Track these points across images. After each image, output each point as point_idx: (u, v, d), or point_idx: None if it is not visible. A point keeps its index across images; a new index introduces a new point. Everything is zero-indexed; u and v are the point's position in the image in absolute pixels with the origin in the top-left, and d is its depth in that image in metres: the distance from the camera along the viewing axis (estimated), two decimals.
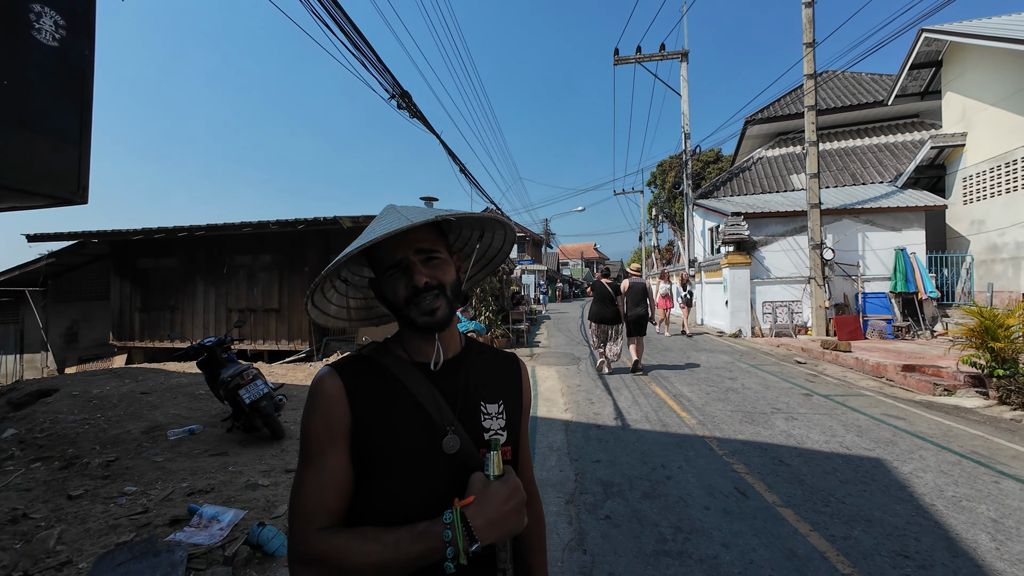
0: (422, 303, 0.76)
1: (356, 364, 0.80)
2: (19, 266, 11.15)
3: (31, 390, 6.13)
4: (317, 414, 0.74)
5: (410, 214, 0.75)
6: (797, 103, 15.34)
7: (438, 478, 0.74)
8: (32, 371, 11.86)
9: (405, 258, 0.76)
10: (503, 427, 0.84)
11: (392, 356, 0.81)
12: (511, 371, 0.93)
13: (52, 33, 0.91)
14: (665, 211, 28.62)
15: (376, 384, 0.77)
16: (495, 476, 0.72)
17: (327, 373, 0.76)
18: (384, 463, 0.73)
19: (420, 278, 0.75)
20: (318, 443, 0.73)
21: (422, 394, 0.77)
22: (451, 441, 0.76)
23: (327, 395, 0.74)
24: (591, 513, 2.93)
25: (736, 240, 11.34)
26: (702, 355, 8.80)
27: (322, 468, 0.71)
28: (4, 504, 3.12)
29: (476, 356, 0.89)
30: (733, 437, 4.25)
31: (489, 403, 0.84)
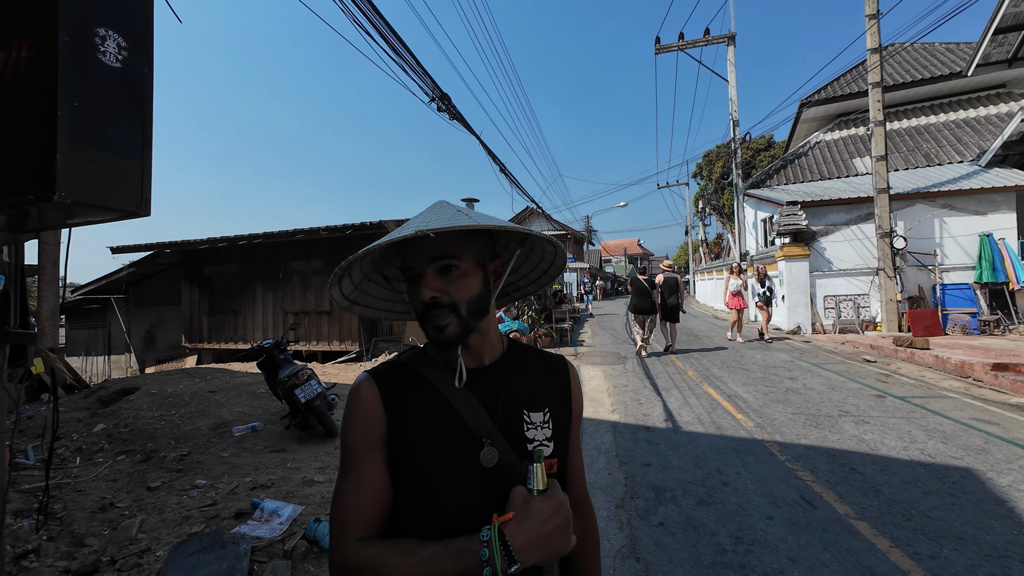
0: (432, 319, 0.71)
1: (393, 371, 0.77)
2: (105, 276, 12.32)
3: (117, 388, 6.74)
4: (354, 422, 0.72)
5: (433, 219, 0.71)
6: (859, 81, 14.21)
7: (475, 492, 0.70)
8: (118, 371, 13.08)
9: (416, 268, 0.72)
10: (549, 437, 0.78)
11: (430, 363, 0.78)
12: (558, 375, 0.87)
13: (115, 55, 0.96)
14: (712, 203, 27.43)
15: (412, 392, 0.75)
16: (538, 491, 0.67)
17: (364, 380, 0.75)
18: (419, 474, 0.70)
19: (426, 292, 0.70)
20: (356, 451, 0.71)
21: (459, 403, 0.74)
22: (489, 454, 0.71)
23: (363, 403, 0.72)
24: (643, 519, 2.83)
25: (792, 231, 10.65)
26: (757, 353, 8.33)
27: (360, 477, 0.70)
28: (95, 493, 3.43)
29: (519, 360, 0.83)
30: (796, 442, 3.97)
31: (533, 411, 0.78)
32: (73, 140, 0.92)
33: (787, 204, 10.84)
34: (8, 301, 1.65)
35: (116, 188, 1.01)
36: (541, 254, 0.90)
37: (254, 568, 2.35)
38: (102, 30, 0.97)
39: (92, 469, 3.98)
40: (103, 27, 0.97)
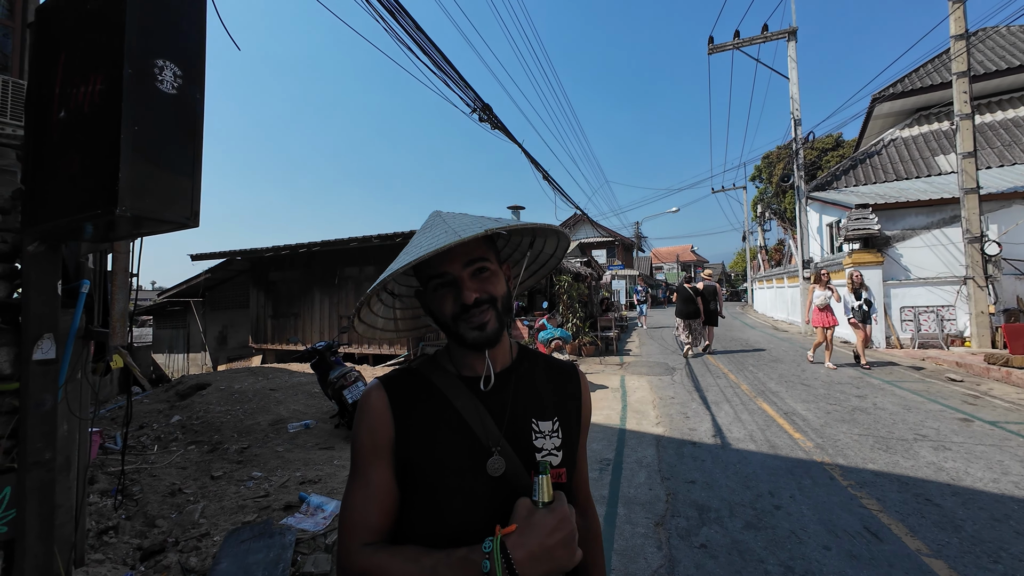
0: (472, 318, 0.72)
1: (403, 378, 0.78)
2: (185, 281, 13.59)
3: (191, 384, 7.38)
4: (364, 428, 0.73)
5: (458, 226, 0.72)
6: (942, 71, 12.95)
7: (481, 501, 0.70)
8: (195, 368, 14.34)
9: (452, 273, 0.73)
10: (558, 446, 0.77)
11: (440, 370, 0.79)
12: (569, 383, 0.87)
13: (172, 83, 1.07)
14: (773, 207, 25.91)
15: (421, 399, 0.75)
16: (543, 503, 0.66)
17: (374, 387, 0.76)
18: (425, 481, 0.71)
19: (470, 295, 0.72)
20: (364, 457, 0.72)
21: (467, 411, 0.74)
22: (496, 463, 0.71)
23: (373, 409, 0.74)
24: (684, 539, 2.69)
25: (863, 236, 9.83)
26: (820, 368, 7.72)
27: (368, 483, 0.71)
28: (167, 478, 3.76)
29: (528, 368, 0.84)
30: (861, 466, 3.63)
31: (542, 420, 0.78)
32: (134, 160, 1.04)
33: (857, 207, 10.04)
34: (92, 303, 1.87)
35: (170, 202, 1.12)
36: (541, 248, 0.92)
37: (297, 559, 2.47)
38: (160, 61, 1.09)
39: (166, 456, 4.38)
40: (161, 59, 1.09)
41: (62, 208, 1.18)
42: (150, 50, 1.07)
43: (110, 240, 1.85)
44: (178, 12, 1.14)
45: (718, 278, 55.52)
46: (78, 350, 1.79)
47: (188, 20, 1.16)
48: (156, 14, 1.10)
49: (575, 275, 12.29)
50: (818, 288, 8.01)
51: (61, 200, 1.19)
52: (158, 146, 1.09)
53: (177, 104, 1.11)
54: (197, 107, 1.15)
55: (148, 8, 1.08)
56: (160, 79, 1.08)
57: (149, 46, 1.07)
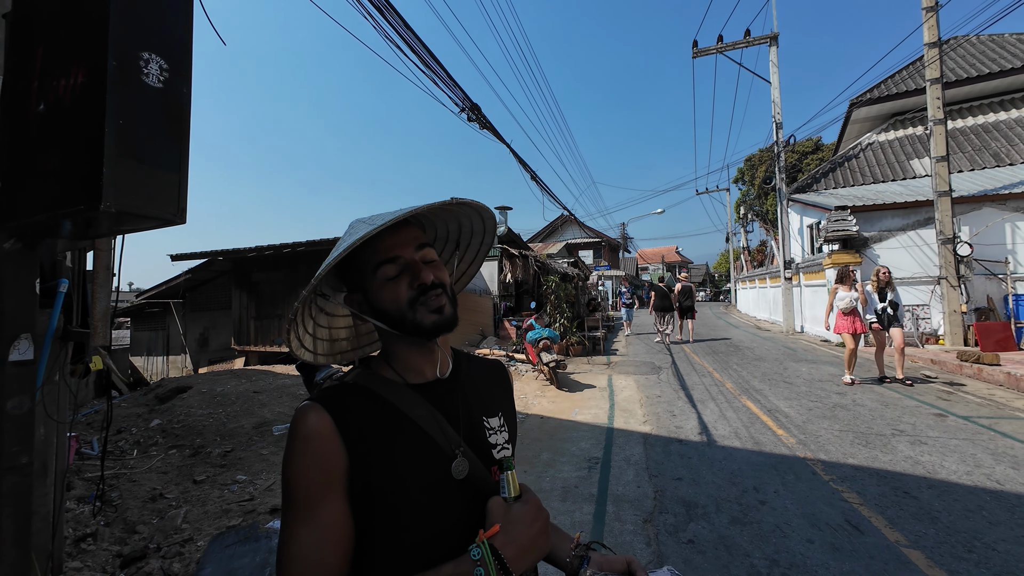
0: (430, 300, 0.69)
1: (344, 394, 0.69)
2: (165, 282, 13.27)
3: (172, 387, 7.20)
4: (306, 459, 0.62)
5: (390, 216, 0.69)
6: (916, 77, 13.36)
7: (452, 509, 0.67)
8: (175, 370, 14.00)
9: (405, 256, 0.71)
10: (507, 440, 0.78)
11: (382, 380, 0.72)
12: (502, 379, 0.88)
13: (157, 76, 1.04)
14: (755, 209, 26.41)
15: (370, 415, 0.68)
16: (514, 497, 0.66)
17: (311, 408, 0.65)
18: (391, 504, 0.64)
19: (428, 274, 0.70)
20: (311, 493, 0.62)
21: (423, 418, 0.69)
22: (460, 465, 0.68)
23: (316, 436, 0.63)
24: (672, 535, 2.72)
25: (842, 237, 10.09)
26: (802, 366, 7.90)
27: (319, 525, 0.61)
28: (147, 484, 3.67)
29: (468, 368, 0.83)
30: (842, 461, 3.72)
31: (490, 417, 0.78)
32: (118, 155, 1.02)
33: (836, 209, 10.29)
34: (71, 303, 1.81)
35: (156, 198, 1.09)
36: (469, 237, 0.90)
37: None
38: (146, 54, 1.06)
39: (146, 461, 4.27)
40: (147, 51, 1.07)
41: (41, 204, 1.15)
42: (135, 42, 1.05)
43: (88, 237, 1.80)
44: (164, 3, 1.12)
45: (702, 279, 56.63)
46: (56, 351, 1.74)
47: (175, 12, 1.13)
48: (141, 4, 1.07)
49: (563, 275, 12.34)
50: (842, 288, 6.65)
51: (40, 196, 1.15)
52: (143, 141, 1.06)
53: (163, 98, 1.09)
54: (184, 101, 1.13)
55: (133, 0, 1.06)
56: (145, 72, 1.06)
57: (134, 38, 1.05)
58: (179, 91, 1.12)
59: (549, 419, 5.31)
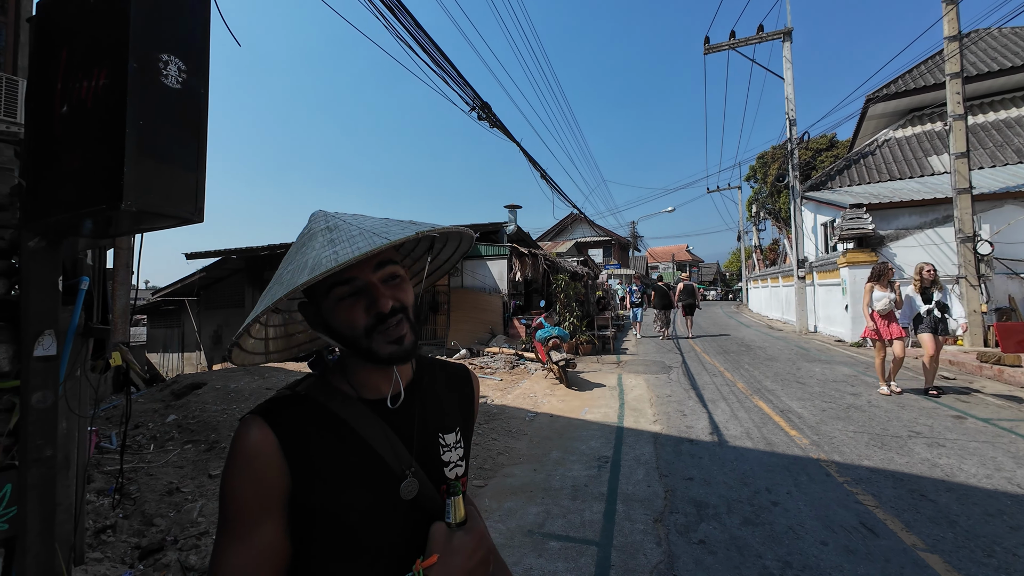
0: (388, 331, 0.64)
1: (292, 409, 0.66)
2: (180, 280, 13.51)
3: (187, 383, 7.34)
4: (244, 477, 0.59)
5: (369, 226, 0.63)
6: (935, 72, 13.06)
7: (395, 532, 0.64)
8: (190, 367, 14.25)
9: (362, 279, 0.64)
10: (461, 456, 0.75)
11: (336, 394, 0.68)
12: (464, 389, 0.84)
13: (176, 77, 1.06)
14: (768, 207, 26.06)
15: (319, 433, 0.64)
16: (457, 523, 0.65)
17: (254, 424, 0.62)
18: (332, 528, 0.62)
19: (386, 302, 0.64)
20: (247, 513, 0.59)
21: (375, 438, 0.66)
22: (410, 486, 0.66)
23: (257, 454, 0.60)
24: (682, 535, 2.71)
25: (857, 235, 9.91)
26: (816, 366, 7.79)
27: (253, 547, 0.58)
28: (164, 477, 3.74)
29: (429, 380, 0.79)
30: (857, 463, 3.66)
31: (447, 433, 0.75)
32: (139, 155, 1.04)
33: (851, 207, 10.11)
34: (92, 300, 1.85)
35: (175, 197, 1.11)
36: (443, 249, 0.85)
37: None
38: (165, 56, 1.08)
39: (163, 456, 4.35)
40: (166, 53, 1.09)
41: (64, 203, 1.18)
42: (154, 44, 1.07)
43: (109, 236, 1.84)
44: (182, 6, 1.14)
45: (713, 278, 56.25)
46: (77, 347, 1.78)
47: (193, 14, 1.15)
48: (161, 7, 1.09)
49: (572, 274, 12.31)
50: (878, 288, 5.73)
51: (63, 195, 1.18)
52: (163, 141, 1.08)
53: (182, 98, 1.11)
54: (201, 102, 1.15)
55: (153, 1, 1.08)
56: (165, 73, 1.08)
57: (153, 40, 1.07)
58: (197, 92, 1.14)
59: (559, 418, 5.31)
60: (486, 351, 9.50)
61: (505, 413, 5.48)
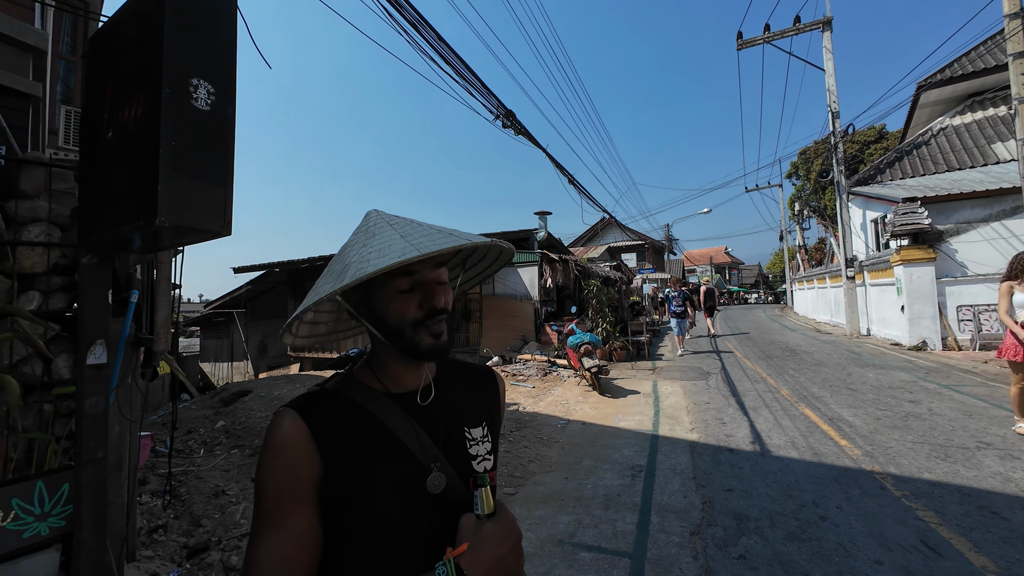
0: (434, 325, 0.68)
1: (322, 402, 0.69)
2: (228, 293, 14.28)
3: (235, 391, 7.72)
4: (279, 466, 0.62)
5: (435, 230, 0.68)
6: (995, 53, 12.13)
7: (425, 524, 0.66)
8: (238, 375, 14.99)
9: (422, 274, 0.69)
10: (489, 451, 0.77)
11: (363, 389, 0.71)
12: (487, 386, 0.85)
13: (206, 100, 1.13)
14: (811, 205, 24.84)
15: (348, 425, 0.67)
16: (486, 515, 0.65)
17: (287, 415, 0.65)
18: (363, 517, 0.64)
19: (441, 299, 0.69)
20: (281, 501, 0.61)
21: (402, 430, 0.69)
22: (436, 480, 0.68)
23: (290, 443, 0.63)
24: (721, 550, 2.58)
25: (912, 231, 9.27)
26: (869, 371, 7.30)
27: (287, 531, 0.61)
28: (212, 480, 3.94)
29: (452, 376, 0.81)
30: (916, 476, 3.39)
31: (473, 427, 0.76)
32: (172, 173, 1.11)
33: (904, 201, 9.49)
34: (140, 312, 1.99)
35: (205, 212, 1.18)
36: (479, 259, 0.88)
37: None
38: (195, 80, 1.16)
39: (211, 459, 4.58)
40: (196, 77, 1.16)
41: (110, 221, 1.27)
42: (186, 70, 1.14)
43: (156, 250, 1.96)
44: (211, 34, 1.21)
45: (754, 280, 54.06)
46: (128, 356, 1.91)
47: (220, 41, 1.23)
48: (191, 36, 1.17)
49: (604, 279, 12.14)
50: (1018, 288, 3.98)
51: (109, 214, 1.28)
52: (193, 159, 1.15)
53: (211, 119, 1.18)
54: (229, 122, 1.22)
55: (184, 31, 1.16)
56: (195, 97, 1.15)
57: (185, 66, 1.15)
58: (225, 112, 1.21)
59: (591, 425, 5.21)
60: (518, 358, 9.49)
61: (537, 420, 5.43)
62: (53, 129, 4.22)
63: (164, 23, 1.11)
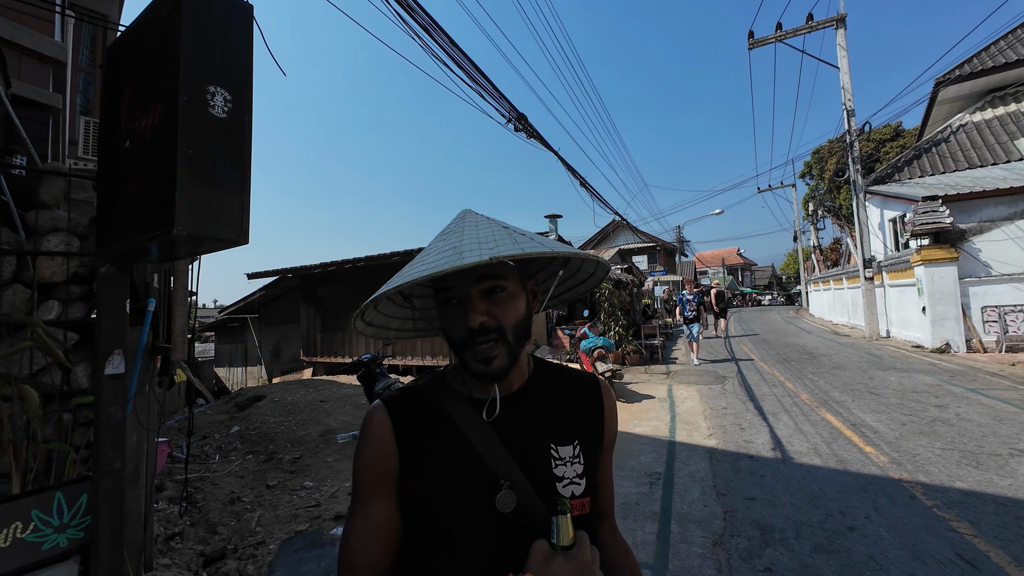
0: (477, 350, 0.63)
1: (408, 400, 0.70)
2: (242, 299, 14.45)
3: (249, 396, 7.78)
4: (366, 455, 0.67)
5: (477, 239, 0.63)
6: (1016, 48, 11.82)
7: (490, 540, 0.63)
8: (252, 380, 15.14)
9: (461, 289, 0.64)
10: (580, 473, 0.69)
11: (448, 391, 0.70)
12: (590, 399, 0.77)
13: (222, 107, 1.11)
14: (826, 204, 24.44)
15: (426, 423, 0.68)
16: (563, 546, 0.59)
17: (377, 408, 0.69)
18: (431, 516, 0.64)
19: (475, 318, 0.63)
20: (366, 487, 0.66)
21: (476, 437, 0.66)
22: (506, 498, 0.63)
23: (375, 435, 0.67)
24: (745, 562, 2.50)
25: (933, 230, 9.04)
26: (891, 375, 7.11)
27: (369, 516, 0.65)
28: (227, 487, 3.95)
29: (545, 385, 0.75)
30: (948, 484, 3.27)
31: (562, 445, 0.69)
32: (189, 182, 1.09)
33: (924, 199, 9.27)
34: (158, 321, 1.99)
35: (222, 221, 1.16)
36: (579, 266, 0.81)
37: None
38: (212, 87, 1.14)
39: (227, 465, 4.60)
40: (213, 84, 1.15)
41: (128, 230, 1.26)
42: (203, 78, 1.13)
43: (173, 259, 1.96)
44: (228, 41, 1.20)
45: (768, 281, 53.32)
46: (145, 365, 1.91)
47: (237, 49, 1.22)
48: (208, 44, 1.16)
49: (616, 282, 12.04)
50: None
51: (127, 223, 1.27)
52: (210, 168, 1.14)
53: (227, 127, 1.17)
54: (246, 130, 1.20)
55: (200, 39, 1.15)
56: (212, 104, 1.14)
57: (202, 74, 1.13)
58: (241, 120, 1.20)
59: None
60: None
61: None
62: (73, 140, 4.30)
63: (181, 31, 1.10)
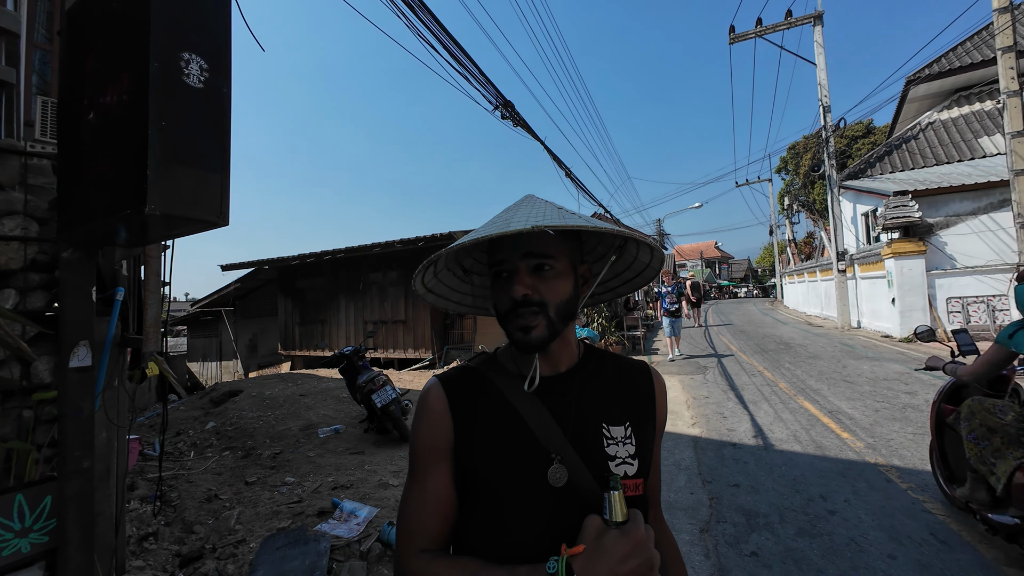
0: (519, 318, 0.67)
1: (463, 377, 0.74)
2: (217, 291, 13.98)
3: (225, 391, 7.54)
4: (423, 429, 0.70)
5: (532, 214, 0.66)
6: (982, 48, 12.26)
7: (542, 514, 0.64)
8: (227, 375, 14.72)
9: (510, 262, 0.68)
10: (632, 454, 0.69)
11: (500, 369, 0.73)
12: (642, 384, 0.78)
13: (198, 76, 1.03)
14: (801, 199, 25.06)
15: (480, 400, 0.71)
16: (616, 522, 0.58)
17: (433, 385, 0.72)
18: (485, 490, 0.66)
19: (519, 289, 0.66)
20: (423, 460, 0.69)
21: (528, 414, 0.68)
22: (557, 472, 0.65)
23: (432, 409, 0.70)
24: (732, 547, 2.54)
25: (903, 224, 9.36)
26: (863, 364, 7.35)
27: (425, 487, 0.68)
28: (203, 484, 3.81)
29: (596, 368, 0.76)
30: (920, 468, 3.39)
31: (613, 425, 0.70)
32: (162, 158, 1.00)
33: (895, 194, 9.57)
34: (127, 311, 1.86)
35: (199, 200, 1.08)
36: (635, 256, 0.82)
37: (332, 566, 2.43)
38: (186, 54, 1.05)
39: (203, 462, 4.45)
40: (187, 51, 1.05)
41: (94, 212, 1.16)
42: (175, 43, 1.03)
43: (144, 244, 1.84)
44: (203, 4, 1.10)
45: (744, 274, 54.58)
46: (114, 357, 1.79)
47: (213, 12, 1.12)
48: (181, 7, 1.06)
49: None
50: None
51: (93, 204, 1.17)
52: (186, 142, 1.05)
53: (204, 98, 1.08)
54: (224, 101, 1.11)
55: (173, 1, 1.05)
56: (186, 73, 1.04)
57: (174, 40, 1.04)
58: (219, 90, 1.10)
59: None
60: None
61: None
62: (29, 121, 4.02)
63: None
